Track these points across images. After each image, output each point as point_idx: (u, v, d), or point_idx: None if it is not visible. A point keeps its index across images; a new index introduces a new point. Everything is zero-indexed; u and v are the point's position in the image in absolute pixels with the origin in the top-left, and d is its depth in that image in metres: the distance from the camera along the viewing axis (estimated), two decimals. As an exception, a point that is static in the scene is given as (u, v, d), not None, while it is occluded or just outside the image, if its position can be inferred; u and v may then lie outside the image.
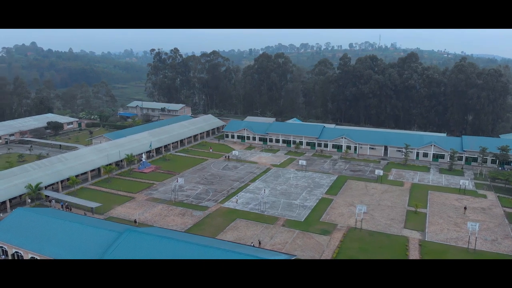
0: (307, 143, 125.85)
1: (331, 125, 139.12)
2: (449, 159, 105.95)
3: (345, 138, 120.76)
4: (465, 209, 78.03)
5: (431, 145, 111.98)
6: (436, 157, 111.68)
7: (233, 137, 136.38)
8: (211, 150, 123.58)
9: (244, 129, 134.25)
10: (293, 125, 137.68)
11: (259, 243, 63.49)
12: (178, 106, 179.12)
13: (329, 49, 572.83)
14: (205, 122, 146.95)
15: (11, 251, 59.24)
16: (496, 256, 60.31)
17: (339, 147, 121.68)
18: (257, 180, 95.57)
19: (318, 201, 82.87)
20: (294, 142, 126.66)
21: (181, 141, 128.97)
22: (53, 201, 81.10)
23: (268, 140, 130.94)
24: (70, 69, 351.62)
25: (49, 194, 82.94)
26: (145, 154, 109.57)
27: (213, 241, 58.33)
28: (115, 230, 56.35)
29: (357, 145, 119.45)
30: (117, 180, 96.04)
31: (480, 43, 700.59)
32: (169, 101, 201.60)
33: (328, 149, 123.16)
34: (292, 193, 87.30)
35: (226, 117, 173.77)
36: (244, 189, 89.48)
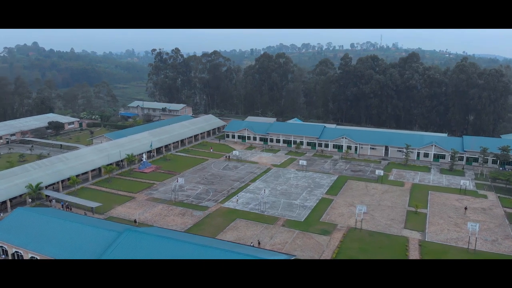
0: (308, 143, 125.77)
1: (331, 125, 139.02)
2: (450, 159, 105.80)
3: (345, 138, 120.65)
4: (465, 209, 77.93)
5: (432, 145, 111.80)
6: (437, 157, 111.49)
7: (233, 137, 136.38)
8: (211, 150, 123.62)
9: (245, 129, 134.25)
10: (293, 125, 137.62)
11: (258, 243, 63.48)
12: (179, 106, 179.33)
13: (331, 49, 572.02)
14: (206, 122, 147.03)
15: (11, 250, 59.36)
16: (496, 256, 60.18)
17: (339, 147, 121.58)
18: (257, 180, 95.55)
19: (318, 201, 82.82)
20: (295, 142, 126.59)
21: (181, 141, 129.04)
22: (53, 201, 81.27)
23: (268, 140, 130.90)
24: (72, 69, 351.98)
25: (49, 194, 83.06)
26: (146, 154, 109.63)
27: (212, 241, 58.35)
28: (115, 230, 56.40)
29: (357, 145, 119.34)
30: (117, 180, 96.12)
31: (482, 43, 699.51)
32: (170, 101, 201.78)
33: (328, 149, 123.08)
34: (292, 193, 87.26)
35: (227, 117, 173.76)
36: (244, 189, 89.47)
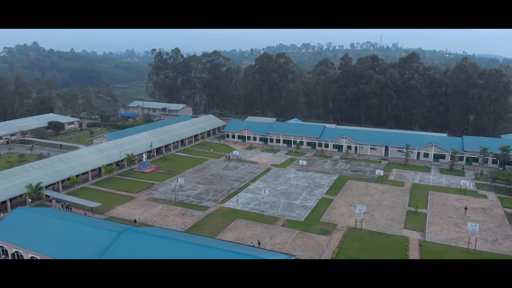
0: (308, 143, 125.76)
1: (331, 125, 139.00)
2: (450, 159, 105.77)
3: (345, 138, 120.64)
4: (465, 209, 77.92)
5: (432, 145, 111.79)
6: (437, 157, 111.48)
7: (233, 137, 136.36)
8: (211, 150, 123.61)
9: (245, 129, 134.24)
10: (293, 125, 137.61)
11: (258, 243, 63.46)
12: (179, 106, 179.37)
13: (331, 49, 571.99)
14: (206, 122, 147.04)
15: (11, 250, 59.36)
16: (496, 256, 60.16)
17: (339, 147, 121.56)
18: (257, 180, 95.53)
19: (318, 201, 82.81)
20: (295, 142, 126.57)
21: (181, 141, 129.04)
22: (53, 201, 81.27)
23: (268, 140, 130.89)
24: (72, 69, 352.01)
25: (49, 193, 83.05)
26: (146, 154, 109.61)
27: (212, 241, 58.33)
28: (115, 230, 56.39)
29: (357, 145, 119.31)
30: (117, 180, 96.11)
31: (482, 43, 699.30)
32: (170, 101, 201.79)
33: (328, 149, 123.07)
34: (292, 193, 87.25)
35: (227, 117, 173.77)
36: (244, 189, 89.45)
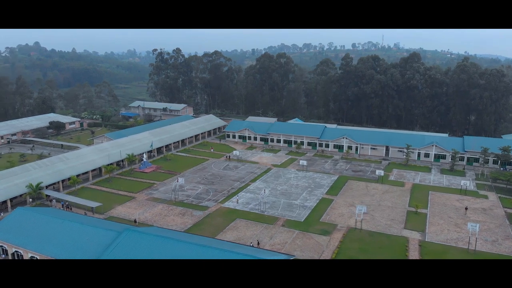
0: (308, 143, 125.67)
1: (332, 125, 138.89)
2: (451, 159, 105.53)
3: (346, 138, 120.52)
4: (466, 209, 77.76)
5: (433, 145, 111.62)
6: (438, 157, 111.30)
7: (234, 137, 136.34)
8: (212, 150, 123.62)
9: (245, 129, 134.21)
10: (294, 125, 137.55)
11: (257, 243, 63.41)
12: (180, 106, 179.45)
13: (332, 49, 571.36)
14: (207, 122, 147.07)
15: (11, 250, 59.50)
16: (496, 257, 59.98)
17: (340, 147, 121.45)
18: (257, 180, 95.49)
19: (318, 201, 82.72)
20: (295, 142, 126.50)
21: (182, 141, 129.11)
22: (53, 200, 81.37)
23: (269, 140, 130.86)
24: (73, 69, 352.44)
25: (49, 193, 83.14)
26: (146, 154, 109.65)
27: (212, 241, 58.34)
28: (114, 229, 56.45)
29: (358, 145, 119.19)
30: (118, 180, 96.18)
31: (484, 43, 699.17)
32: (171, 101, 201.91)
33: (329, 149, 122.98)
34: (292, 193, 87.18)
35: (228, 117, 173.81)
36: (244, 189, 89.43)
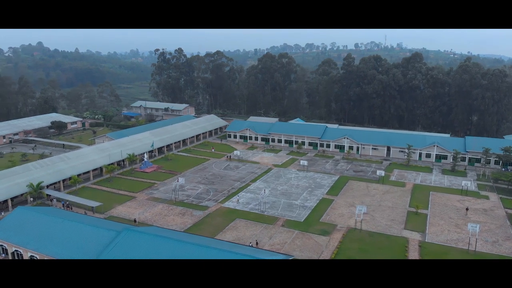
0: (309, 143, 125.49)
1: (333, 125, 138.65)
2: (452, 160, 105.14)
3: (347, 138, 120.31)
4: (467, 210, 77.48)
5: (434, 145, 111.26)
6: (439, 157, 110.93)
7: (235, 137, 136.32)
8: (213, 150, 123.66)
9: (247, 129, 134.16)
10: (295, 125, 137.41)
11: (256, 243, 63.34)
12: (181, 106, 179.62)
13: (335, 49, 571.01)
14: (208, 122, 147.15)
15: (11, 249, 59.70)
16: (496, 258, 59.63)
17: (341, 148, 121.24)
18: (258, 180, 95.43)
19: (318, 201, 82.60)
20: (296, 142, 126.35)
21: (183, 141, 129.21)
22: (54, 200, 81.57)
23: (270, 140, 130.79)
24: (76, 69, 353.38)
25: (50, 193, 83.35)
26: (147, 154, 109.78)
27: (211, 241, 58.32)
28: (114, 229, 56.50)
29: (359, 146, 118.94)
30: (118, 180, 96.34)
31: (487, 43, 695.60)
32: (173, 101, 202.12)
33: (330, 149, 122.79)
34: (292, 193, 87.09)
35: (229, 117, 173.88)
36: (244, 189, 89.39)
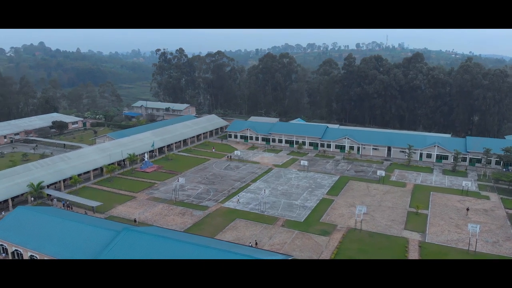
0: (310, 144, 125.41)
1: (334, 126, 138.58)
2: (453, 160, 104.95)
3: (348, 138, 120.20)
4: (467, 210, 77.34)
5: (435, 146, 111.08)
6: (440, 158, 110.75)
7: (236, 137, 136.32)
8: (213, 150, 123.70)
9: (247, 129, 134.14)
10: (296, 125, 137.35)
11: (255, 243, 63.30)
12: (182, 106, 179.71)
13: (336, 49, 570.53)
14: (209, 122, 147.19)
15: (11, 249, 59.82)
16: (497, 258, 59.47)
17: (342, 148, 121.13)
18: (258, 180, 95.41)
19: (318, 201, 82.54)
20: (297, 143, 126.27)
21: (184, 141, 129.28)
22: (54, 199, 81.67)
23: (271, 140, 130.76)
24: (78, 69, 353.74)
25: (50, 193, 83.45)
26: (148, 154, 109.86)
27: (210, 241, 58.31)
28: (113, 229, 56.54)
29: (360, 146, 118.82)
30: (119, 180, 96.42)
31: (489, 43, 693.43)
32: (174, 101, 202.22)
33: (331, 149, 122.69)
34: (293, 194, 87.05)
35: (230, 117, 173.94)
36: (245, 189, 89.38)
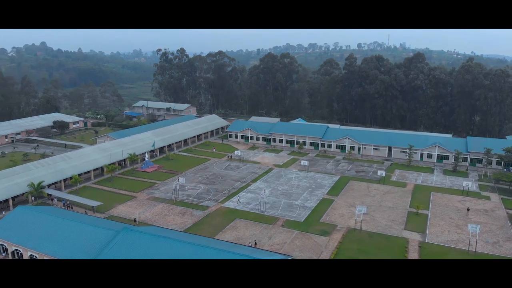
0: (311, 144, 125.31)
1: (335, 126, 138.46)
2: (454, 160, 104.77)
3: (348, 138, 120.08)
4: (468, 210, 77.20)
5: (436, 146, 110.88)
6: (441, 158, 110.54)
7: (236, 137, 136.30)
8: (214, 150, 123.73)
9: (248, 129, 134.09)
10: (296, 125, 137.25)
11: (255, 243, 63.26)
12: (183, 106, 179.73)
13: (337, 49, 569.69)
14: (209, 122, 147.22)
15: (11, 248, 59.93)
16: (497, 258, 59.45)
17: (342, 148, 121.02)
18: (258, 180, 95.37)
19: (319, 201, 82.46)
20: (298, 143, 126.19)
21: (184, 140, 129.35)
22: (55, 199, 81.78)
23: (271, 140, 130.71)
24: (79, 69, 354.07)
25: (51, 192, 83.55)
26: (148, 154, 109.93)
27: (210, 240, 58.32)
28: (113, 229, 56.61)
29: (360, 146, 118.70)
30: (119, 179, 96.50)
31: (491, 43, 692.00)
32: (175, 101, 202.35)
33: (331, 149, 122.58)
34: (293, 194, 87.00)
35: (231, 117, 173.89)
36: (245, 189, 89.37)
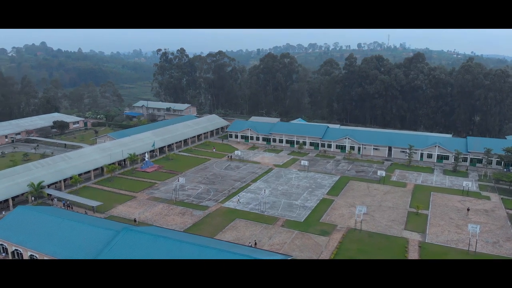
0: (311, 144, 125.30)
1: (335, 126, 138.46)
2: (454, 160, 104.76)
3: (348, 138, 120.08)
4: (468, 210, 77.20)
5: (436, 146, 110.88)
6: (441, 158, 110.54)
7: (236, 137, 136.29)
8: (214, 150, 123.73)
9: (248, 129, 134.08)
10: (296, 125, 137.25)
11: (255, 243, 63.25)
12: (183, 106, 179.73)
13: (337, 49, 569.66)
14: (209, 122, 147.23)
15: (11, 248, 59.93)
16: (496, 258, 59.44)
17: (342, 148, 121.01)
18: (258, 180, 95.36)
19: (319, 201, 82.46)
20: (298, 143, 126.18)
21: (184, 140, 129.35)
22: (55, 199, 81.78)
23: (271, 140, 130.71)
24: (79, 69, 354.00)
25: (51, 192, 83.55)
26: (148, 154, 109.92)
27: (210, 240, 58.32)
28: (113, 229, 56.61)
29: (360, 146, 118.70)
30: (119, 179, 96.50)
31: (491, 43, 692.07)
32: (175, 101, 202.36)
33: (331, 149, 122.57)
34: (293, 194, 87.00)
35: (231, 117, 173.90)
36: (245, 189, 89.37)
